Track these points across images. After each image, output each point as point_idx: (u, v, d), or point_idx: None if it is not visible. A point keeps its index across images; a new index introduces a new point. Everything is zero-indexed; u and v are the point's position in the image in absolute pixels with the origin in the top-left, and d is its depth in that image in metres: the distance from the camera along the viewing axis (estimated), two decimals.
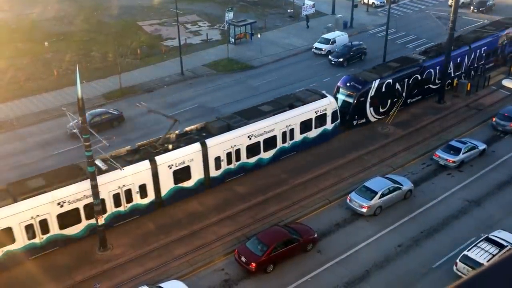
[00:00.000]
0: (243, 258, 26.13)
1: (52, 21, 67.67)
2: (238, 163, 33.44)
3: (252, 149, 33.78)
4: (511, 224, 29.43)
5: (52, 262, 27.15)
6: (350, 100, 38.86)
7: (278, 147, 35.06)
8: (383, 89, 39.69)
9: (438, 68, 43.31)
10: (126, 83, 48.56)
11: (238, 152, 33.09)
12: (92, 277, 26.19)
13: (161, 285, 24.57)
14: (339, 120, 37.93)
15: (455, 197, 32.07)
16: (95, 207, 26.70)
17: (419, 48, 50.43)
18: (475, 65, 47.31)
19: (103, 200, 27.85)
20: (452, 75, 45.31)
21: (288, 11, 71.04)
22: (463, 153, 34.90)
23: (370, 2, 73.14)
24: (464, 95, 45.42)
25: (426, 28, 62.43)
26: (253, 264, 25.65)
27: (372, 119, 40.32)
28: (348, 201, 30.91)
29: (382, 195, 30.37)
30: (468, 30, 55.88)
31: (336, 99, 38.85)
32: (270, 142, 34.52)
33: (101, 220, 27.00)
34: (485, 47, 47.32)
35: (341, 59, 51.96)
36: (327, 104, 36.76)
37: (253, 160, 34.13)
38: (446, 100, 44.38)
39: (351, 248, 27.87)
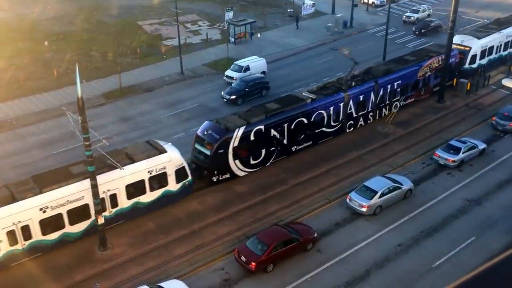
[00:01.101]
0: (243, 258, 26.13)
1: (52, 21, 67.65)
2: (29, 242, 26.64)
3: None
4: (511, 223, 29.49)
5: (52, 261, 27.14)
6: (207, 152, 32.47)
7: (92, 218, 27.99)
8: (253, 138, 33.21)
9: (333, 108, 37.12)
10: (126, 82, 48.55)
11: (26, 228, 26.30)
12: (92, 276, 26.17)
13: (161, 284, 24.57)
14: (190, 178, 31.38)
15: (455, 197, 32.08)
16: (95, 207, 26.70)
17: (317, 84, 42.02)
18: (387, 102, 40.80)
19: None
20: (354, 115, 38.92)
21: (288, 10, 71.00)
22: (463, 153, 34.90)
23: (370, 2, 73.13)
24: (464, 94, 45.43)
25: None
26: (253, 264, 25.65)
27: (240, 173, 33.70)
28: (348, 200, 30.92)
29: (382, 195, 30.37)
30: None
31: (196, 150, 33.46)
32: (79, 213, 27.68)
33: (101, 220, 26.99)
34: (399, 81, 40.88)
35: (233, 96, 43.64)
36: (167, 162, 30.08)
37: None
38: (446, 99, 44.38)
39: (351, 248, 27.87)
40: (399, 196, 31.31)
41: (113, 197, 28.75)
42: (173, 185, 30.80)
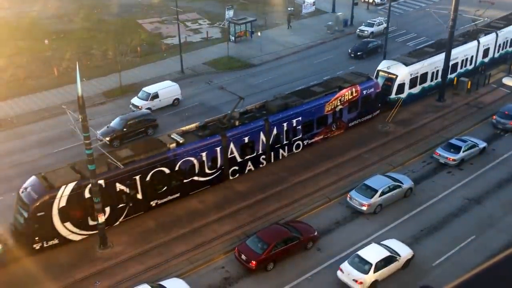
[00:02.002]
0: (243, 256, 26.15)
1: (52, 19, 67.65)
2: None
3: None
4: (511, 222, 29.48)
5: (53, 260, 27.17)
6: (25, 214, 26.82)
7: None
8: (87, 195, 27.50)
9: (207, 153, 31.61)
10: (126, 81, 48.57)
11: None
12: (93, 275, 26.20)
13: (161, 283, 24.58)
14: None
15: (455, 195, 32.07)
16: (95, 205, 26.72)
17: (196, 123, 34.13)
18: (284, 142, 35.42)
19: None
20: (239, 159, 33.41)
21: (289, 9, 70.96)
22: (463, 151, 34.90)
23: (371, 0, 73.09)
24: (464, 93, 45.42)
25: (427, 26, 62.34)
26: (253, 262, 25.66)
27: (76, 237, 28.22)
28: (348, 199, 30.93)
29: (382, 193, 30.38)
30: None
31: (17, 211, 27.91)
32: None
33: (102, 218, 27.00)
34: (299, 118, 35.39)
35: (108, 138, 36.22)
36: None
37: None
38: (447, 98, 44.35)
39: (351, 246, 27.87)
40: (400, 194, 31.32)
41: None
42: None
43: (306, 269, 26.39)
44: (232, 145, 32.75)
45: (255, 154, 34.25)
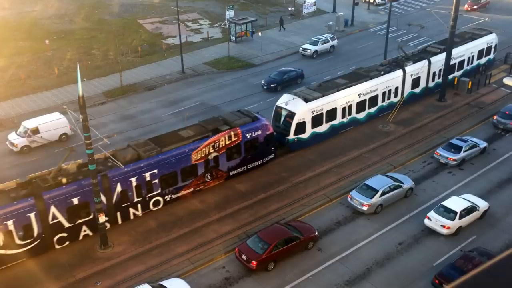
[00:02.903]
0: (244, 256, 26.15)
1: (53, 19, 67.70)
2: None
3: None
4: (511, 222, 29.51)
5: (53, 259, 27.19)
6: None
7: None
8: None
9: (16, 220, 25.78)
10: (127, 81, 48.62)
11: None
12: (93, 274, 26.22)
13: (162, 283, 24.59)
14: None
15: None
16: (96, 205, 26.74)
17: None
18: (135, 199, 29.78)
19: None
20: (67, 225, 27.59)
21: (289, 9, 70.97)
22: (464, 151, 34.88)
23: (371, 0, 73.09)
24: (465, 93, 45.40)
25: (427, 26, 62.24)
26: (254, 262, 25.66)
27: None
28: (349, 199, 30.93)
29: (383, 193, 30.37)
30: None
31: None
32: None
33: (102, 218, 27.02)
34: (155, 170, 29.88)
35: None
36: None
37: None
38: (447, 98, 44.34)
39: (352, 246, 27.88)
40: (400, 194, 31.31)
41: None
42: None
43: (307, 269, 26.39)
44: (53, 208, 26.91)
45: (90, 217, 28.22)
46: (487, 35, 49.00)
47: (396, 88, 41.61)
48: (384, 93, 40.70)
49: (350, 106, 38.67)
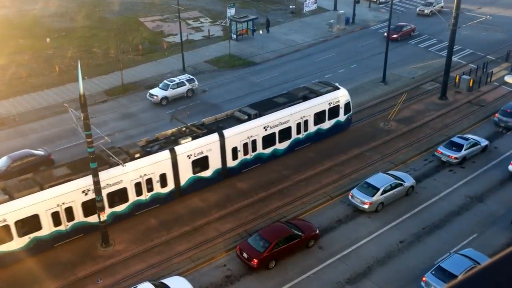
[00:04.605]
0: (245, 254, 26.16)
1: (54, 17, 67.67)
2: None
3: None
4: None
5: (55, 258, 27.23)
6: None
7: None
8: None
9: None
10: (128, 79, 48.60)
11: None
12: (95, 273, 26.25)
13: (163, 281, 24.61)
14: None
15: (457, 194, 32.04)
16: (97, 203, 26.77)
17: None
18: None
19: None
20: None
21: (290, 7, 70.90)
22: (465, 150, 34.84)
23: None
24: (466, 91, 45.33)
25: (429, 23, 62.27)
26: (255, 260, 25.67)
27: None
28: (350, 197, 30.91)
29: (384, 192, 30.35)
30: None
31: None
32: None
33: (103, 216, 27.05)
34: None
35: None
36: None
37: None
38: (448, 96, 44.27)
39: (353, 244, 27.88)
40: (401, 193, 31.29)
41: None
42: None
43: (308, 267, 26.39)
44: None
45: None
46: (331, 92, 37.58)
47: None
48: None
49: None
